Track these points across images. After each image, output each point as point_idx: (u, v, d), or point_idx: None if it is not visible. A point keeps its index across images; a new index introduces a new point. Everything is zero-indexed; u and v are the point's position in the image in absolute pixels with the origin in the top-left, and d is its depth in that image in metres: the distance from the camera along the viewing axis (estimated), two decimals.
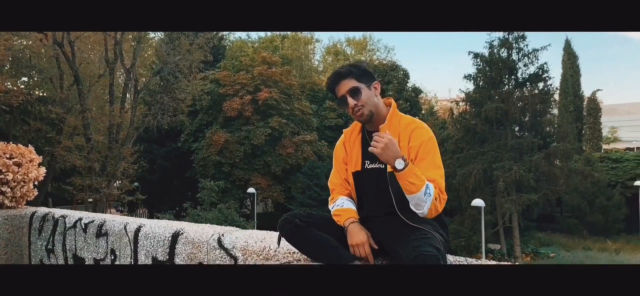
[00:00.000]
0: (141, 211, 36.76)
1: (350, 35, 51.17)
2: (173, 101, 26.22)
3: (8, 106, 23.10)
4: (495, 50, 27.02)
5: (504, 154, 25.34)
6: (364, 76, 2.33)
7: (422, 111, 38.49)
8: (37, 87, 27.28)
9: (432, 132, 2.32)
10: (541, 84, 26.75)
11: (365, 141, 2.38)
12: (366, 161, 2.37)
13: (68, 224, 5.02)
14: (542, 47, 26.94)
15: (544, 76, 26.64)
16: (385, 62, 40.41)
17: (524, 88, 27.03)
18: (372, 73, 2.38)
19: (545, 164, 24.90)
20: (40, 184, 6.40)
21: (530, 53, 26.71)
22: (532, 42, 69.74)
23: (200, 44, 26.07)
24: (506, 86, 26.98)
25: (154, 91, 26.73)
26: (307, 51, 48.52)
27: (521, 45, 26.75)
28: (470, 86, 27.82)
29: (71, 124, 23.99)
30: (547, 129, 27.78)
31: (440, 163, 2.26)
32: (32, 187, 6.16)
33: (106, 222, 4.45)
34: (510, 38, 26.70)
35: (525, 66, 26.84)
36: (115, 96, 24.88)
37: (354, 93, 2.29)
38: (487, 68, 27.09)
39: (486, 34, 27.90)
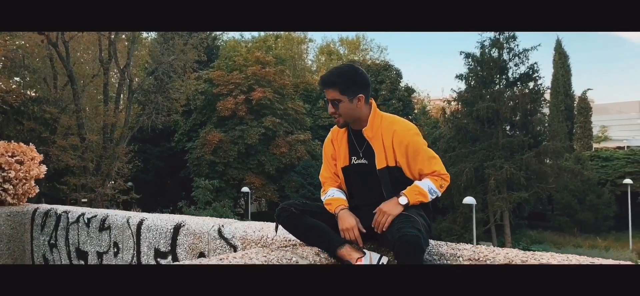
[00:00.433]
0: (136, 210, 36.76)
1: (343, 35, 51.43)
2: (167, 100, 26.34)
3: (9, 106, 23.11)
4: (486, 50, 27.36)
5: (495, 152, 25.67)
6: (350, 88, 2.51)
7: (415, 111, 38.76)
8: (31, 87, 27.30)
9: (411, 127, 2.53)
10: (531, 84, 27.12)
11: (351, 138, 2.62)
12: (353, 157, 2.60)
13: (71, 219, 5.19)
14: (533, 47, 27.33)
15: (534, 75, 27.02)
16: (378, 62, 40.64)
17: (515, 88, 27.38)
18: (363, 83, 2.56)
19: (535, 163, 25.25)
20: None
21: (520, 53, 27.07)
22: (523, 42, 70.23)
23: (194, 44, 26.20)
24: (497, 86, 27.31)
25: (148, 91, 26.82)
26: (301, 51, 48.69)
27: (512, 45, 27.11)
28: (462, 86, 28.15)
29: (65, 123, 24.05)
30: (538, 128, 28.13)
31: (430, 152, 2.50)
32: (33, 184, 6.32)
33: (109, 216, 4.63)
34: (501, 38, 27.04)
35: (515, 65, 27.21)
36: (109, 95, 24.96)
37: (334, 104, 2.52)
38: (479, 68, 27.41)
39: (477, 34, 28.26)
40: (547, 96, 33.65)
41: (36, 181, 6.33)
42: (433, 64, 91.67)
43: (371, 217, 2.44)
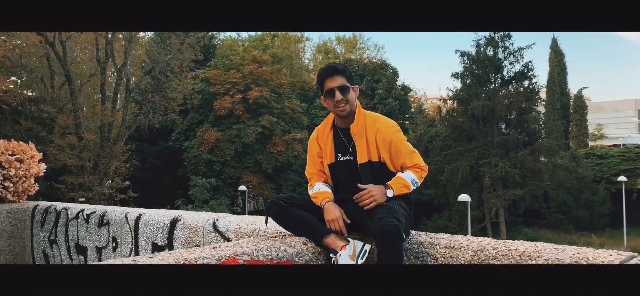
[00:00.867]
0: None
1: (340, 33, 51.60)
2: (164, 100, 26.44)
3: (6, 106, 23.19)
4: (481, 48, 27.54)
5: (491, 150, 25.85)
6: (351, 78, 2.69)
7: (412, 109, 38.91)
8: (28, 87, 27.37)
9: (392, 124, 2.70)
10: (526, 82, 27.33)
11: (336, 136, 2.76)
12: (339, 154, 2.76)
13: (70, 215, 5.34)
14: (527, 46, 27.54)
15: (529, 74, 27.21)
16: (375, 61, 40.74)
17: (510, 86, 27.57)
18: (354, 79, 2.75)
19: (530, 161, 25.45)
20: None
21: (515, 52, 27.27)
22: (518, 41, 70.61)
23: (190, 43, 26.31)
24: (492, 84, 27.50)
25: (145, 90, 26.92)
26: (298, 50, 48.80)
27: (507, 44, 27.29)
28: (457, 84, 28.33)
29: (62, 123, 24.14)
30: (533, 126, 28.32)
31: (410, 146, 2.68)
32: (33, 182, 6.46)
33: (107, 212, 4.78)
34: (496, 37, 27.21)
35: (510, 64, 27.43)
36: (106, 95, 25.07)
37: (344, 90, 2.62)
38: (474, 66, 27.59)
39: (473, 33, 28.43)
40: (543, 94, 33.87)
41: (35, 179, 6.47)
42: (430, 63, 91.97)
43: (355, 209, 2.59)
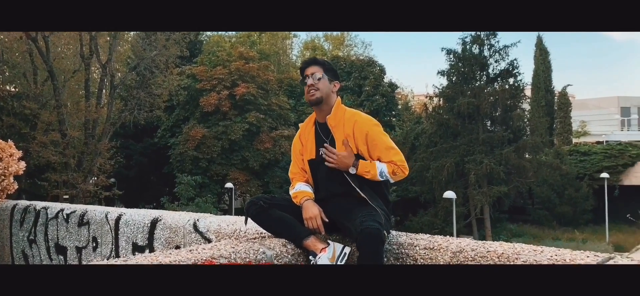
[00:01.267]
0: (118, 207, 36.52)
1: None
2: (149, 96, 26.18)
3: None
4: (467, 46, 27.69)
5: (476, 147, 26.02)
6: (331, 72, 2.76)
7: (398, 106, 39.01)
8: (10, 83, 26.94)
9: (372, 120, 2.71)
10: (511, 80, 27.54)
11: (318, 132, 2.78)
12: (320, 149, 2.75)
13: (50, 215, 5.26)
14: (512, 44, 27.74)
15: (514, 71, 27.43)
16: (362, 58, 40.72)
17: (495, 83, 27.77)
18: (338, 76, 2.84)
19: (515, 158, 25.68)
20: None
21: (500, 49, 27.46)
22: (503, 39, 71.06)
23: (176, 39, 26.07)
24: (478, 82, 27.67)
25: (130, 86, 26.64)
26: (285, 46, 48.62)
27: (492, 41, 27.47)
28: (443, 82, 28.46)
29: (46, 119, 23.78)
30: (518, 124, 28.57)
31: (389, 142, 2.67)
32: (12, 181, 6.35)
33: (88, 212, 4.71)
34: (481, 35, 27.37)
35: (496, 62, 27.61)
36: (90, 91, 24.74)
37: (315, 77, 2.71)
38: (460, 64, 27.74)
39: (459, 32, 28.57)
40: (528, 92, 34.18)
41: (16, 177, 6.36)
42: (417, 60, 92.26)
43: (335, 209, 2.59)
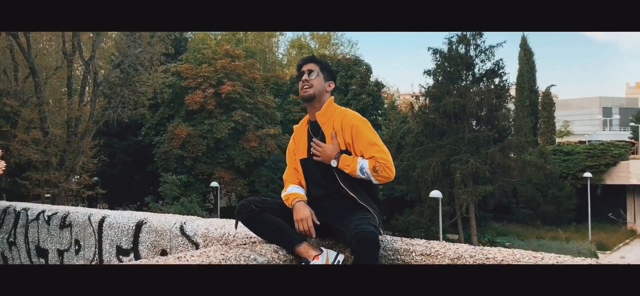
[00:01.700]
0: (101, 206, 36.05)
1: None
2: (134, 94, 25.84)
3: None
4: (453, 46, 27.81)
5: (462, 147, 26.15)
6: (327, 71, 2.75)
7: (385, 105, 39.10)
8: None
9: (362, 117, 2.68)
10: (497, 80, 27.72)
11: (309, 131, 2.73)
12: (310, 144, 2.69)
13: (30, 216, 5.09)
14: (498, 44, 27.88)
15: (500, 71, 27.60)
16: (348, 57, 40.73)
17: (481, 83, 27.93)
18: (335, 78, 2.83)
19: (500, 157, 25.84)
20: None
21: (486, 49, 27.61)
22: (489, 39, 71.54)
23: (161, 37, 25.77)
24: (464, 81, 27.81)
25: (114, 84, 26.27)
26: (271, 44, 48.44)
27: (478, 41, 27.62)
28: (430, 81, 28.54)
29: (27, 117, 23.38)
30: (503, 123, 28.78)
31: (375, 139, 2.59)
32: None
33: (70, 214, 4.56)
34: (467, 35, 27.50)
35: (482, 62, 27.75)
36: (73, 88, 24.35)
37: (311, 73, 2.69)
38: (446, 64, 27.84)
39: (446, 32, 28.67)
40: (513, 92, 34.48)
41: None
42: (403, 59, 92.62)
43: (327, 212, 2.51)
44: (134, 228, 3.76)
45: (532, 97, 39.57)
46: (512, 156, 27.38)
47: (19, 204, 5.54)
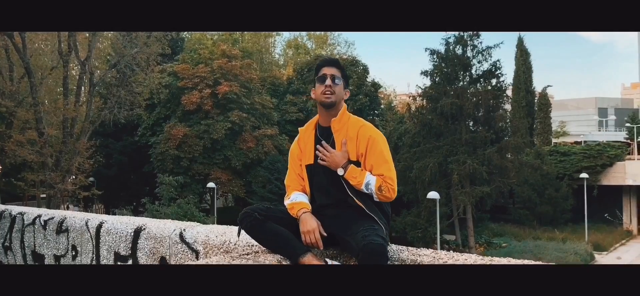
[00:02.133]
0: (97, 206, 35.89)
1: None
2: (130, 94, 25.70)
3: None
4: (450, 47, 27.80)
5: (459, 148, 26.14)
6: (346, 78, 2.72)
7: (381, 106, 39.07)
8: None
9: (379, 131, 2.63)
10: (494, 81, 27.74)
11: (317, 136, 2.65)
12: (317, 148, 2.62)
13: (26, 221, 5.02)
14: (495, 45, 27.91)
15: (497, 72, 27.62)
16: (345, 57, 40.69)
17: (478, 84, 27.93)
18: (349, 84, 2.79)
19: (497, 158, 25.85)
20: None
21: (483, 50, 27.62)
22: (486, 40, 71.91)
23: (158, 37, 25.64)
24: (461, 82, 27.80)
25: (110, 84, 26.12)
26: (268, 44, 48.32)
27: (475, 42, 27.61)
28: (427, 82, 28.53)
29: (22, 117, 23.24)
30: (500, 124, 28.81)
31: (388, 156, 2.55)
32: None
33: (67, 219, 4.50)
34: (465, 36, 27.49)
35: (479, 63, 27.77)
36: (69, 88, 24.20)
37: (335, 79, 2.62)
38: (443, 65, 27.83)
39: (443, 32, 28.67)
40: (510, 93, 34.53)
41: None
42: (399, 60, 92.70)
43: (333, 222, 2.45)
44: (133, 234, 3.69)
45: (529, 98, 39.65)
46: (509, 156, 27.39)
47: (15, 209, 5.47)
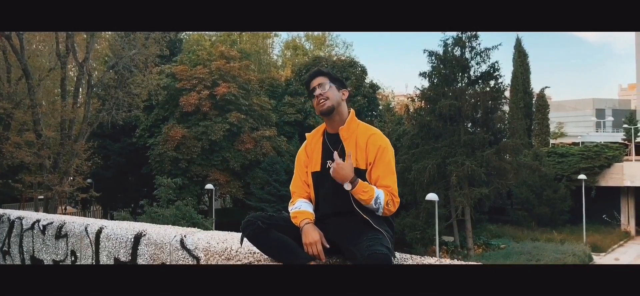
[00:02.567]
0: (95, 208, 35.82)
1: None
2: (128, 95, 25.61)
3: None
4: (449, 48, 27.81)
5: (457, 149, 26.14)
6: (338, 81, 2.66)
7: (379, 107, 39.09)
8: None
9: (388, 141, 2.59)
10: (492, 82, 27.74)
11: (326, 143, 2.62)
12: (327, 162, 2.57)
13: (25, 225, 4.99)
14: (494, 46, 27.92)
15: (495, 74, 27.63)
16: (343, 58, 40.74)
17: (476, 85, 27.94)
18: (345, 85, 2.71)
19: (495, 159, 25.85)
20: None
21: (482, 52, 27.62)
22: (484, 42, 71.94)
23: (156, 38, 25.58)
24: (459, 84, 27.80)
25: (108, 86, 26.05)
26: (266, 46, 48.31)
27: (474, 44, 27.63)
28: (425, 83, 28.53)
29: (20, 119, 23.15)
30: (498, 125, 28.82)
31: (394, 168, 2.53)
32: None
33: (66, 223, 4.46)
34: (463, 37, 27.51)
35: (477, 64, 27.76)
36: (67, 90, 24.13)
37: (322, 86, 2.58)
38: (442, 66, 27.83)
39: (441, 33, 28.70)
40: (507, 94, 34.57)
41: None
42: (398, 61, 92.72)
43: (336, 231, 2.43)
44: (133, 240, 3.67)
45: (527, 99, 39.72)
46: (508, 158, 27.41)
47: (13, 213, 5.43)
